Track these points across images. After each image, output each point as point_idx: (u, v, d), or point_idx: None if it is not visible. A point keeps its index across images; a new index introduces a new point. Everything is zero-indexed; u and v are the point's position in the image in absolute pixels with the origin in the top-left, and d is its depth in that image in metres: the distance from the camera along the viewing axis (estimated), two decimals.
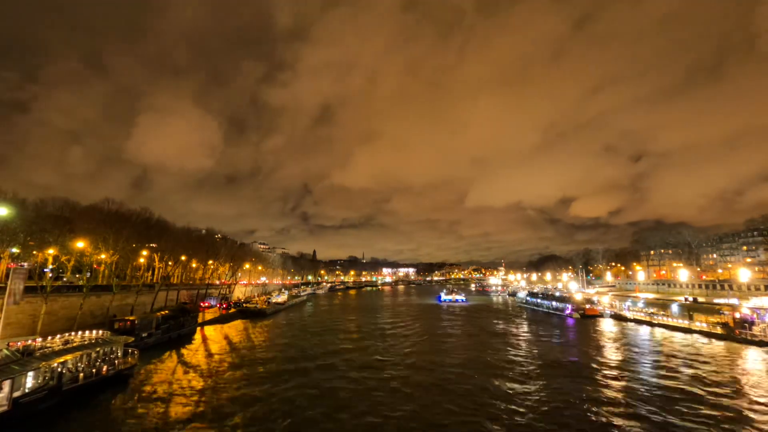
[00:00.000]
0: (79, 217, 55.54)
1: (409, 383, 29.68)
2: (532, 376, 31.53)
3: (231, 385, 28.93)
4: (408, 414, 23.29)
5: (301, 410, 23.92)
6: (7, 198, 43.27)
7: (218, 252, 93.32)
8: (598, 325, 62.69)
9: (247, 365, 35.16)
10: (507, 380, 30.36)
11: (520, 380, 30.41)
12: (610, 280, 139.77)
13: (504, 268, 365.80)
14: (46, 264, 47.52)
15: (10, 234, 40.19)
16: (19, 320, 40.12)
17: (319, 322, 70.06)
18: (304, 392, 27.36)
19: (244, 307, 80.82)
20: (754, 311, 50.29)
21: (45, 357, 24.12)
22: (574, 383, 29.40)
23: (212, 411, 23.67)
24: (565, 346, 45.05)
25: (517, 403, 24.98)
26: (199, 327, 58.07)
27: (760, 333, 45.05)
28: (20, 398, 21.42)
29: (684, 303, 66.74)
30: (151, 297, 62.49)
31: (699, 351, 41.59)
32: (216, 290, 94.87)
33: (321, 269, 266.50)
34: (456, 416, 22.92)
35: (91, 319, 48.56)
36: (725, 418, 22.42)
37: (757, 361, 37.28)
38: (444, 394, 27.18)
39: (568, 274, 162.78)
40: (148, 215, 73.42)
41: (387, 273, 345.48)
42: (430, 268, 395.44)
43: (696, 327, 53.29)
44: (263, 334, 54.70)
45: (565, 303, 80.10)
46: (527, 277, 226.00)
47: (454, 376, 31.91)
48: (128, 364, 30.89)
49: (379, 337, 51.30)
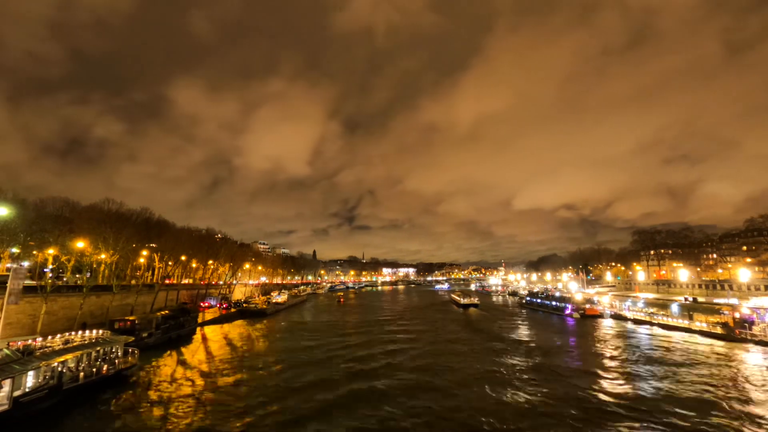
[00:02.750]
0: (79, 217, 55.63)
1: (408, 385, 29.69)
2: (532, 376, 31.52)
3: (231, 385, 28.94)
4: (406, 413, 23.30)
5: (300, 410, 23.93)
6: (7, 198, 43.28)
7: (218, 252, 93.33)
8: (598, 325, 62.70)
9: (247, 365, 35.16)
10: (506, 380, 30.37)
11: (519, 381, 30.41)
12: (610, 280, 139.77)
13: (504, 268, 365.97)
14: (46, 264, 47.57)
15: (10, 234, 40.21)
16: (19, 320, 40.13)
17: (319, 322, 70.07)
18: (303, 392, 27.37)
19: (244, 307, 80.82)
20: (754, 311, 50.29)
21: (45, 356, 24.12)
22: (574, 383, 29.39)
23: (212, 411, 23.67)
24: (565, 347, 45.08)
25: (517, 404, 24.98)
26: (199, 327, 58.07)
27: (760, 333, 45.05)
28: (20, 397, 21.41)
29: (684, 303, 66.82)
30: (151, 297, 62.49)
31: (699, 351, 41.60)
32: (216, 290, 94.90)
33: (321, 269, 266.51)
34: (456, 417, 22.93)
35: (91, 319, 48.56)
36: (725, 419, 22.41)
37: (757, 361, 37.27)
38: (444, 392, 27.19)
39: (568, 274, 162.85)
40: (149, 215, 73.62)
41: (387, 273, 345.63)
42: (430, 268, 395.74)
43: (696, 327, 53.28)
44: (263, 334, 54.71)
45: (565, 303, 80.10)
46: (527, 277, 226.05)
47: (454, 376, 31.96)
48: (128, 364, 30.92)
49: (378, 335, 51.34)
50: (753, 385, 28.89)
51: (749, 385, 28.88)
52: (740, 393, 27.06)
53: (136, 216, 67.71)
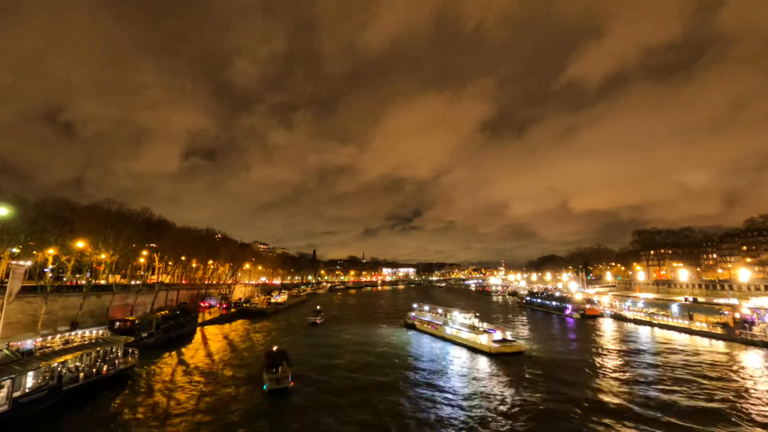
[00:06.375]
0: (79, 217, 55.55)
1: (407, 384, 29.69)
2: (531, 377, 31.53)
3: (231, 386, 28.93)
4: (404, 414, 23.27)
5: (300, 410, 23.93)
6: (7, 198, 43.22)
7: (218, 252, 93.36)
8: (598, 326, 62.69)
9: (247, 365, 35.14)
10: (505, 380, 30.37)
11: (518, 381, 30.41)
12: (610, 280, 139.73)
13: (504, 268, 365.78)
14: (46, 264, 47.51)
15: (10, 234, 40.15)
16: (19, 320, 40.11)
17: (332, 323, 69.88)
18: (303, 392, 27.36)
19: (244, 307, 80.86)
20: (754, 311, 50.25)
21: (45, 357, 24.13)
22: (573, 384, 29.38)
23: (212, 411, 23.67)
24: (565, 347, 45.04)
25: (516, 404, 24.97)
26: (199, 327, 58.08)
27: (760, 333, 45.00)
28: (20, 398, 21.41)
29: (684, 303, 66.72)
30: (151, 297, 62.50)
31: (699, 351, 41.58)
32: (216, 290, 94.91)
33: (321, 269, 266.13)
34: (456, 416, 22.91)
35: (91, 319, 48.56)
36: (725, 419, 22.40)
37: (757, 361, 37.24)
38: (443, 394, 27.18)
39: (568, 274, 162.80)
40: (149, 215, 73.51)
41: (387, 273, 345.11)
42: (430, 268, 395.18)
43: (696, 327, 53.24)
44: (263, 334, 54.70)
45: (565, 303, 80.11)
46: (527, 277, 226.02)
47: (453, 375, 31.93)
48: (128, 364, 30.92)
49: (378, 337, 51.31)
50: (753, 386, 28.86)
51: (749, 386, 28.84)
52: (740, 393, 27.03)
53: (137, 216, 67.63)
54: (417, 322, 57.91)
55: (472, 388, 28.64)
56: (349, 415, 22.96)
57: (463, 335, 45.11)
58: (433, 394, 27.08)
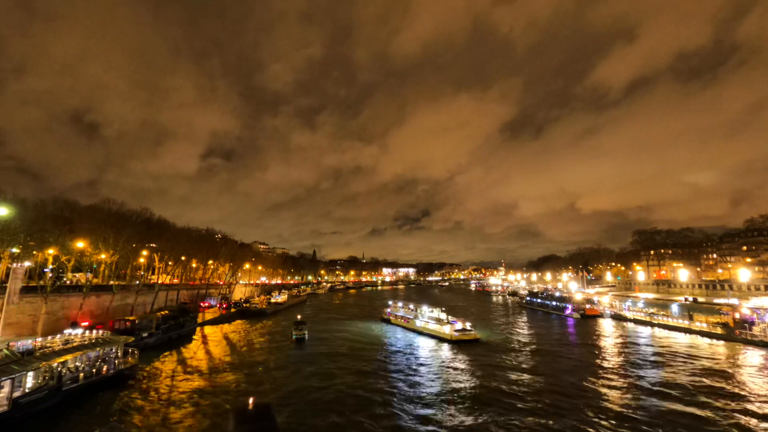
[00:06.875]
0: (79, 217, 55.65)
1: (407, 384, 29.70)
2: (531, 377, 31.53)
3: (231, 386, 28.94)
4: (402, 413, 23.29)
5: (300, 410, 23.92)
6: (7, 198, 43.24)
7: (218, 252, 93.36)
8: (598, 326, 62.67)
9: (247, 365, 35.16)
10: (505, 380, 30.38)
11: (518, 381, 30.42)
12: (610, 280, 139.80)
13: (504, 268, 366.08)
14: (46, 264, 47.53)
15: (10, 234, 40.15)
16: (19, 320, 40.12)
17: (319, 322, 69.93)
18: (303, 392, 27.37)
19: (244, 307, 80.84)
20: (754, 311, 50.25)
21: (45, 357, 24.10)
22: (573, 384, 29.38)
23: (212, 411, 23.66)
24: (565, 347, 45.03)
25: (516, 404, 24.97)
26: (199, 327, 58.06)
27: (760, 333, 45.00)
28: (20, 398, 21.39)
29: (684, 303, 66.84)
30: (151, 297, 62.50)
31: (699, 351, 41.57)
32: (216, 290, 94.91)
33: (321, 269, 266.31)
34: (455, 415, 22.93)
35: (90, 319, 48.53)
36: (725, 419, 22.39)
37: (757, 361, 37.25)
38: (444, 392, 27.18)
39: (568, 274, 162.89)
40: (149, 215, 73.57)
41: (387, 273, 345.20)
42: (429, 268, 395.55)
43: (696, 327, 53.24)
44: (263, 334, 54.69)
45: (565, 303, 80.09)
46: (527, 277, 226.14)
47: (421, 357, 32.50)
48: (128, 364, 30.87)
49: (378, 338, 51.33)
50: (753, 386, 28.86)
51: (749, 386, 28.84)
52: (740, 394, 27.02)
53: (137, 216, 67.68)
54: (392, 317, 64.39)
55: (435, 365, 35.44)
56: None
57: (431, 326, 51.31)
58: (405, 371, 32.92)
